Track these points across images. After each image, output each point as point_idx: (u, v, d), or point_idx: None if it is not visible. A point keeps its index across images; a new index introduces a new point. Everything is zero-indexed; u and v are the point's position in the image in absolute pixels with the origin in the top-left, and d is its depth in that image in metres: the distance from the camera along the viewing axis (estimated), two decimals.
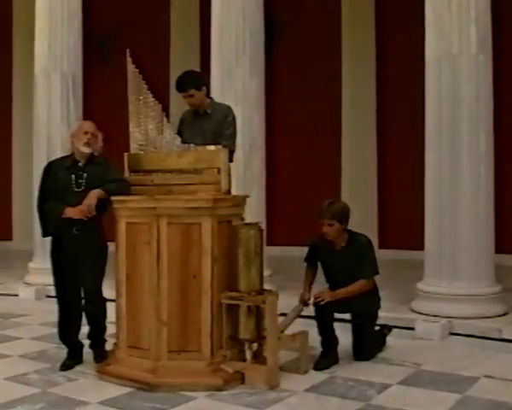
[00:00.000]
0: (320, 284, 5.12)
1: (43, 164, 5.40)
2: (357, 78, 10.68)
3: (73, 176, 4.78)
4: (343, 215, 4.88)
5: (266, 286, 4.82)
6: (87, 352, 4.93)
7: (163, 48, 11.88)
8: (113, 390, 4.33)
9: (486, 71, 5.96)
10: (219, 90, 6.77)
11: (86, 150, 4.81)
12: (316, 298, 4.83)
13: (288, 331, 4.84)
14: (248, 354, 4.52)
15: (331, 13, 10.89)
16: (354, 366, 4.84)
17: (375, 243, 9.82)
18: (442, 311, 5.76)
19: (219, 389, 4.28)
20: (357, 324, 5.05)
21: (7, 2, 12.26)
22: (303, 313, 5.10)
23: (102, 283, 4.82)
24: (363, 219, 9.89)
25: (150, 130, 4.80)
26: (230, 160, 4.75)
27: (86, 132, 4.84)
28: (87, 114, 8.19)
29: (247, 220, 4.83)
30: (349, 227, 5.01)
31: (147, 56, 8.35)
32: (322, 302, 4.76)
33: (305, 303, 5.03)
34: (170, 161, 4.68)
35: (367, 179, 10.61)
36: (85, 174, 4.78)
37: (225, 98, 6.18)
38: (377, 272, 4.97)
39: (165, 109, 4.82)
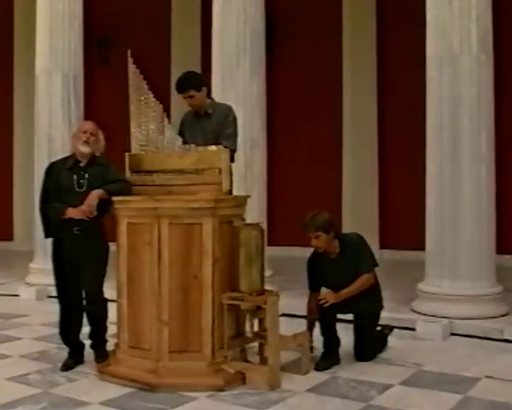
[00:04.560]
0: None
1: (44, 164, 5.41)
2: (358, 78, 10.68)
3: (75, 176, 4.78)
4: (327, 225, 4.87)
5: (267, 286, 4.82)
6: (88, 352, 4.93)
7: (164, 48, 11.88)
8: (114, 391, 4.33)
9: (487, 71, 5.95)
10: (220, 91, 6.77)
11: (85, 149, 4.80)
12: (319, 300, 4.82)
13: (289, 332, 4.84)
14: (248, 326, 4.53)
15: (332, 13, 10.89)
16: (355, 367, 4.84)
17: (376, 243, 9.87)
18: (443, 311, 5.76)
19: (220, 390, 4.28)
20: (358, 324, 5.05)
21: (8, 2, 12.27)
22: (303, 314, 5.10)
23: (103, 283, 4.81)
24: (364, 220, 9.92)
25: (151, 130, 4.80)
26: (232, 160, 4.75)
27: (85, 132, 4.84)
28: (88, 115, 8.20)
29: (249, 221, 4.84)
30: (350, 227, 5.00)
31: (148, 56, 8.37)
32: (326, 304, 4.75)
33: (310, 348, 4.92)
34: (171, 162, 4.68)
35: (368, 179, 10.60)
36: (87, 175, 4.78)
37: (226, 99, 6.18)
38: (376, 265, 4.97)
39: (167, 110, 4.82)
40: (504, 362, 4.96)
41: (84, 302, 4.84)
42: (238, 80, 6.98)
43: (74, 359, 4.89)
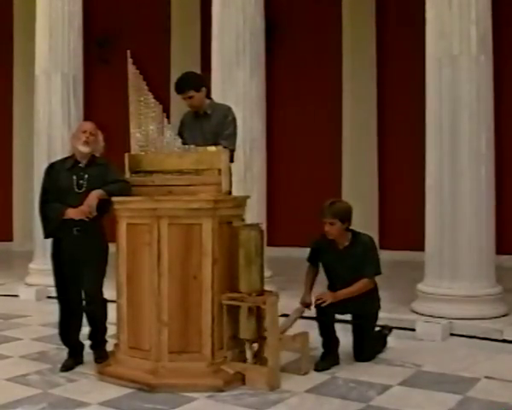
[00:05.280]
0: (322, 285, 5.10)
1: (44, 164, 5.41)
2: (357, 78, 10.69)
3: (74, 177, 4.78)
4: (345, 214, 4.88)
5: (267, 287, 4.82)
6: (88, 353, 4.93)
7: (163, 48, 11.88)
8: (114, 391, 4.33)
9: (487, 71, 5.96)
10: (220, 91, 6.77)
11: (85, 149, 4.80)
12: (317, 299, 4.83)
13: (289, 333, 4.84)
14: (249, 354, 4.52)
15: (332, 13, 10.90)
16: (355, 367, 4.84)
17: (376, 243, 9.84)
18: (443, 312, 5.76)
19: (220, 390, 4.28)
20: (357, 324, 5.05)
21: (7, 2, 12.27)
22: (304, 314, 5.10)
23: (103, 284, 4.81)
24: (364, 220, 9.87)
25: (151, 131, 4.80)
26: (231, 160, 4.75)
27: (85, 131, 4.84)
28: (88, 115, 8.20)
29: (248, 221, 4.83)
30: (350, 228, 5.01)
31: (147, 57, 8.35)
32: (324, 304, 4.76)
33: (306, 306, 5.02)
34: (170, 162, 4.68)
35: (368, 180, 10.61)
36: (86, 175, 4.77)
37: (226, 99, 6.18)
38: (379, 273, 4.96)
39: (166, 110, 4.82)
40: (504, 362, 4.96)
41: (84, 303, 4.84)
42: (238, 80, 6.98)
43: (74, 359, 4.89)
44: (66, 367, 4.80)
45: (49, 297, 7.05)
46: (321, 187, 10.55)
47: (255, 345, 4.56)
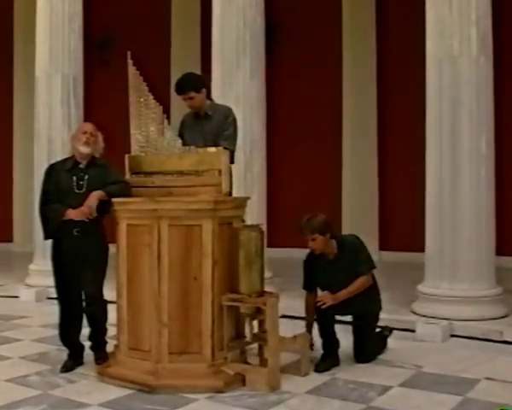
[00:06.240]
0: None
1: (44, 165, 5.42)
2: (357, 79, 10.69)
3: (74, 178, 4.78)
4: (323, 227, 4.85)
5: (267, 288, 4.82)
6: (88, 354, 4.92)
7: (164, 49, 11.89)
8: (114, 392, 4.33)
9: (487, 72, 5.97)
10: (220, 92, 6.78)
11: (85, 150, 4.80)
12: (317, 301, 4.82)
13: (289, 334, 4.84)
14: (247, 330, 4.52)
15: (332, 14, 10.90)
16: (355, 368, 4.83)
17: (376, 244, 9.87)
18: (443, 313, 5.77)
19: (220, 391, 4.28)
20: (357, 325, 5.05)
21: (8, 3, 12.28)
22: (303, 315, 5.09)
23: (103, 284, 4.81)
24: (364, 221, 9.92)
25: (151, 132, 4.80)
26: (231, 161, 4.75)
27: (85, 132, 4.84)
28: (88, 116, 8.21)
29: (248, 222, 4.83)
30: (349, 229, 5.00)
31: (148, 58, 8.36)
32: (324, 306, 4.76)
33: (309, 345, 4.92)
34: (171, 163, 4.68)
35: (368, 181, 10.61)
36: (86, 176, 4.78)
37: (226, 100, 6.18)
38: (374, 267, 4.96)
39: (166, 111, 4.82)
40: (504, 363, 4.96)
41: (84, 304, 4.84)
42: (238, 81, 6.99)
43: (74, 360, 4.88)
44: (67, 368, 4.80)
45: (50, 298, 7.05)
46: (321, 188, 10.56)
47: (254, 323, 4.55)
